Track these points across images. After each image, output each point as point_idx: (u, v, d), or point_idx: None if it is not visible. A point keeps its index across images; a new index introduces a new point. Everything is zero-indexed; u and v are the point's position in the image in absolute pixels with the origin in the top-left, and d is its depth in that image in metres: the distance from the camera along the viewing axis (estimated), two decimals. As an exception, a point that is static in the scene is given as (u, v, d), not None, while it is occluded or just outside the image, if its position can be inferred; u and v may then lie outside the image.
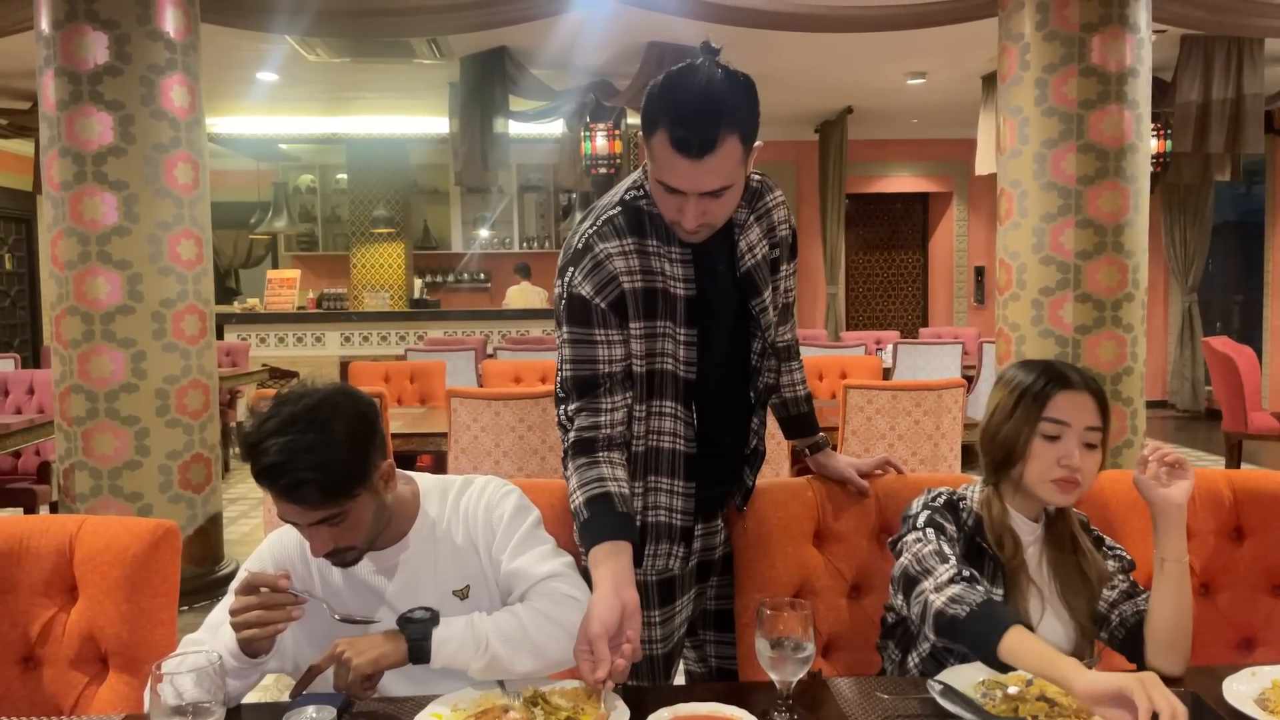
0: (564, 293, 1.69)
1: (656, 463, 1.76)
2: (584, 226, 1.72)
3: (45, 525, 1.77)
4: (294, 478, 1.45)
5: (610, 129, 7.28)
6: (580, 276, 1.67)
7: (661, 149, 1.56)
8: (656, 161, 1.59)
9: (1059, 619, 1.66)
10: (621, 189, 1.75)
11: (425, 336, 8.99)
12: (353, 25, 5.53)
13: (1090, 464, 1.63)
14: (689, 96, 1.56)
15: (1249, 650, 1.96)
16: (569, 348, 1.68)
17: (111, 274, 4.24)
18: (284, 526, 1.72)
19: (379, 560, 1.64)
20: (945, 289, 11.09)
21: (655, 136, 1.57)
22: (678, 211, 1.62)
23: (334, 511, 1.50)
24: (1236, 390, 6.34)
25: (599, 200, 1.77)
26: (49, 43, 4.22)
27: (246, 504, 6.53)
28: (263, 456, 1.46)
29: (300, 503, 1.47)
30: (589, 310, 1.67)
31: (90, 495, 4.29)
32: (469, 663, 1.51)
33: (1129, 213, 4.48)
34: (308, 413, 1.49)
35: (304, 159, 10.92)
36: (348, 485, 1.49)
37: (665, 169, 1.58)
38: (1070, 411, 1.63)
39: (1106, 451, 1.67)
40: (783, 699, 1.42)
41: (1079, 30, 4.41)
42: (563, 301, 1.69)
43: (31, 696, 1.70)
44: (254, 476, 1.49)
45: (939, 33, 5.74)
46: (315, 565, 1.66)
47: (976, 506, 1.71)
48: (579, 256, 1.68)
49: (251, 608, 1.44)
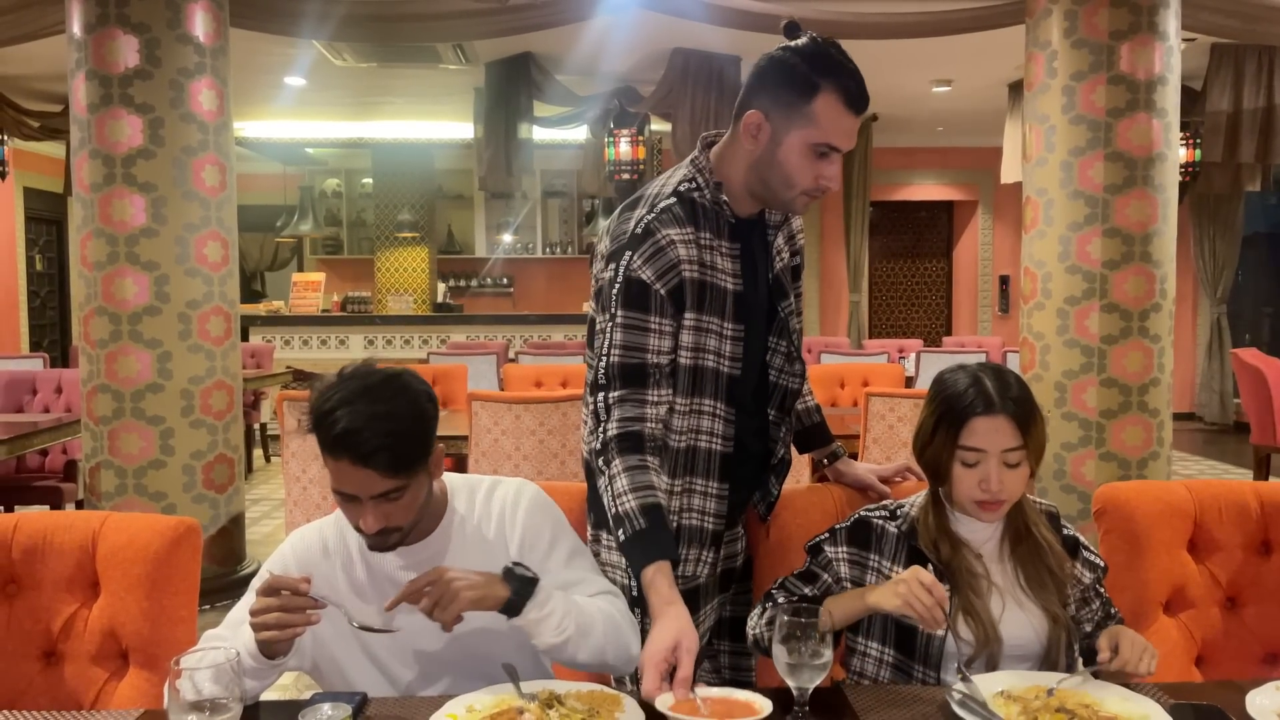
0: (619, 276, 1.65)
1: (693, 463, 1.74)
2: (639, 213, 1.69)
3: (69, 521, 1.79)
4: (370, 445, 1.48)
5: (634, 135, 7.28)
6: (640, 260, 1.64)
7: (831, 108, 1.60)
8: (820, 124, 1.61)
9: (1024, 611, 1.66)
10: (672, 181, 1.73)
11: (448, 340, 9.02)
12: (379, 30, 5.57)
13: (1013, 481, 1.64)
14: (847, 62, 1.63)
15: (1274, 665, 1.92)
16: (620, 332, 1.64)
17: (139, 275, 4.29)
18: (306, 526, 1.72)
19: (406, 555, 1.64)
20: (969, 297, 11.02)
21: (821, 97, 1.60)
22: (820, 178, 1.66)
23: (397, 485, 1.52)
24: (1266, 403, 6.26)
25: (644, 191, 1.76)
26: (80, 46, 4.28)
27: (269, 505, 6.57)
28: (338, 423, 1.49)
29: (375, 468, 1.49)
30: (648, 295, 1.63)
31: (115, 494, 4.33)
32: (545, 635, 1.53)
33: (1157, 222, 4.44)
34: (380, 385, 1.53)
35: (330, 163, 11.00)
36: (413, 460, 1.53)
37: (831, 128, 1.62)
38: (986, 438, 1.63)
39: (1038, 461, 1.68)
40: (799, 706, 1.41)
41: (1107, 38, 4.37)
42: (617, 285, 1.65)
43: (52, 691, 1.72)
44: (325, 446, 1.51)
45: (965, 40, 5.71)
46: (339, 562, 1.66)
47: (915, 513, 1.73)
48: (638, 241, 1.65)
49: (271, 609, 1.44)
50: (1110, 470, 4.36)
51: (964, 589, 1.64)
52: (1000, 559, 1.70)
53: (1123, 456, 4.37)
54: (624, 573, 1.75)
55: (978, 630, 1.62)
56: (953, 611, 1.63)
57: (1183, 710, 1.40)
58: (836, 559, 1.73)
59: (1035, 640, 1.66)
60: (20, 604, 1.74)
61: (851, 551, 1.73)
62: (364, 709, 1.48)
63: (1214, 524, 1.94)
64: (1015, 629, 1.64)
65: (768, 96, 1.65)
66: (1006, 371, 1.71)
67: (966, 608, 1.63)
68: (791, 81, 1.61)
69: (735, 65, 6.66)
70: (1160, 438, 4.43)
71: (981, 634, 1.62)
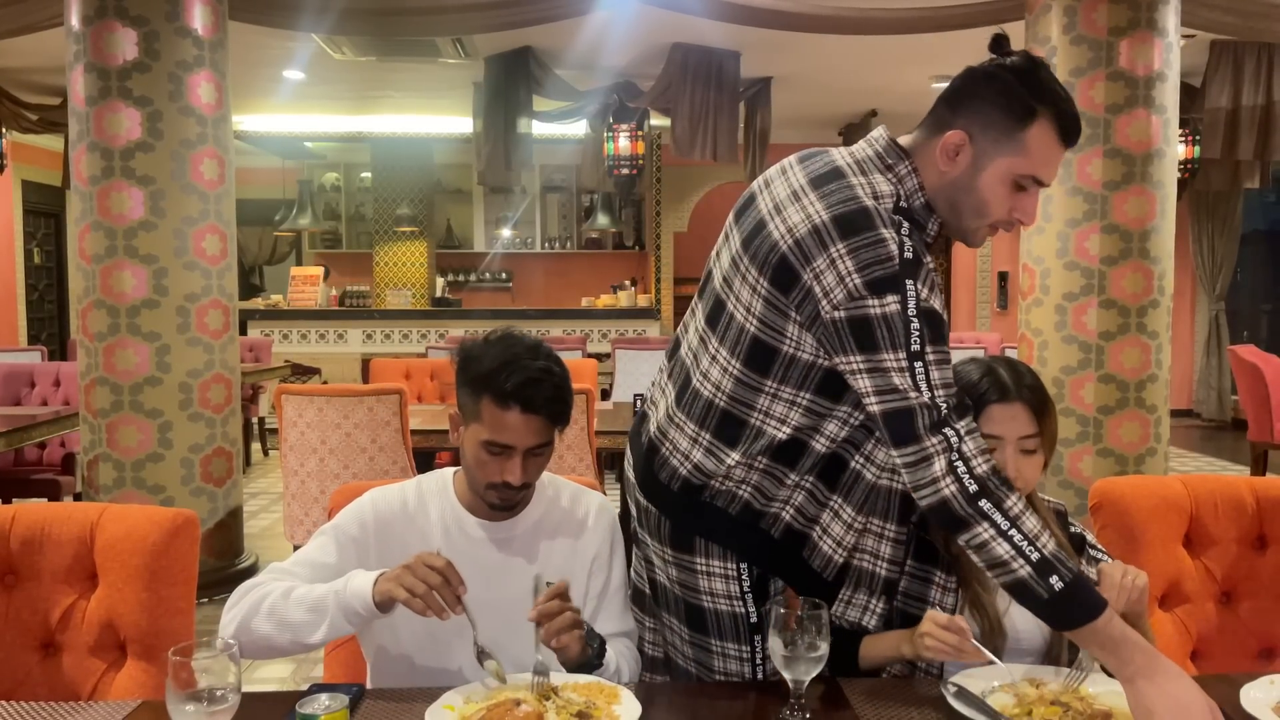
0: (912, 308, 1.42)
1: (877, 501, 1.62)
2: (894, 234, 1.44)
3: (67, 513, 1.79)
4: (544, 395, 1.60)
5: (634, 130, 7.28)
6: (925, 290, 1.44)
7: (1045, 137, 1.46)
8: (1031, 154, 1.47)
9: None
10: (885, 192, 1.50)
11: (446, 335, 9.02)
12: (379, 24, 5.57)
13: (1028, 469, 1.66)
14: (1064, 91, 1.49)
15: (1269, 660, 1.93)
16: (936, 370, 1.42)
17: (137, 268, 4.29)
18: (385, 486, 1.77)
19: (490, 529, 1.71)
20: (968, 294, 11.02)
21: (1036, 125, 1.46)
22: (1015, 210, 1.53)
23: (549, 439, 1.66)
24: (1263, 400, 6.27)
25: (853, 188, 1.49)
26: (79, 38, 4.27)
27: (267, 499, 6.57)
28: (515, 375, 1.59)
29: (543, 417, 1.61)
30: (942, 325, 1.46)
31: (114, 487, 4.33)
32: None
33: (1155, 219, 4.44)
34: (536, 347, 1.65)
35: (329, 157, 10.99)
36: (567, 417, 1.67)
37: (1041, 160, 1.48)
38: (1003, 425, 1.64)
39: (1051, 451, 1.70)
40: (796, 698, 1.42)
41: (1107, 34, 4.37)
42: (914, 320, 1.42)
43: (51, 682, 1.72)
44: (498, 396, 1.60)
45: (965, 36, 5.70)
46: (418, 525, 1.71)
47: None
48: (914, 267, 1.44)
49: (432, 582, 1.46)
50: (1107, 466, 4.37)
51: (971, 582, 1.64)
52: None
53: (1120, 452, 4.38)
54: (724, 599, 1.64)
55: (983, 623, 1.62)
56: (960, 604, 1.64)
57: (1177, 703, 1.40)
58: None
59: (1039, 635, 1.66)
60: (19, 595, 1.74)
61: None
62: (361, 700, 1.48)
63: (1209, 519, 1.95)
64: (1020, 623, 1.64)
65: (975, 116, 1.49)
66: (1019, 362, 1.73)
67: (973, 600, 1.64)
68: (1006, 104, 1.47)
69: (735, 60, 6.66)
70: (1157, 434, 4.43)
71: (986, 627, 1.62)
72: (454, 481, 1.75)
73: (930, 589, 1.66)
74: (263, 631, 1.54)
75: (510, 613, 1.58)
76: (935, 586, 1.66)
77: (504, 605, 1.62)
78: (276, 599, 1.55)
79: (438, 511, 1.71)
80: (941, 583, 1.66)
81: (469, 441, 1.65)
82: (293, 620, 1.53)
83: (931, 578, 1.66)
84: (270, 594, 1.56)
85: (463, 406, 1.67)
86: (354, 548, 1.67)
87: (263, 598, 1.55)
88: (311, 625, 1.52)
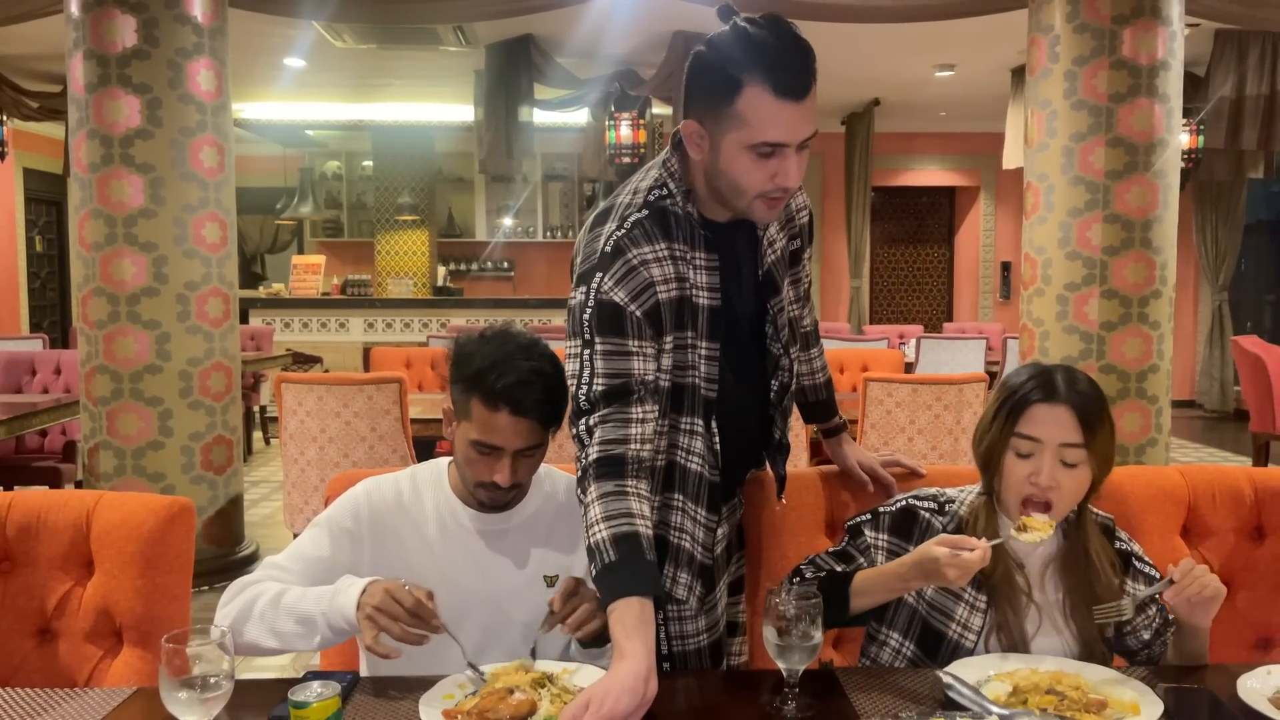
0: (590, 300, 1.52)
1: (672, 479, 1.64)
2: (609, 229, 1.57)
3: (63, 500, 1.79)
4: (533, 398, 1.57)
5: (635, 118, 7.25)
6: (611, 282, 1.52)
7: (758, 102, 1.44)
8: (750, 122, 1.45)
9: (1059, 635, 1.61)
10: (641, 189, 1.61)
11: (448, 324, 9.02)
12: (379, 11, 5.54)
13: (1068, 482, 1.55)
14: (776, 41, 1.45)
15: (1267, 650, 1.93)
16: (601, 360, 1.50)
17: (137, 256, 4.28)
18: (379, 476, 1.74)
19: (483, 521, 1.69)
20: (971, 284, 11.00)
21: (746, 93, 1.44)
22: (773, 177, 1.49)
23: (541, 441, 1.62)
24: (1265, 391, 6.26)
25: (615, 199, 1.63)
26: (78, 25, 4.26)
27: (268, 487, 6.58)
28: (504, 376, 1.56)
29: (533, 420, 1.58)
30: (623, 318, 1.51)
31: (114, 475, 4.34)
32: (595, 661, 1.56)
33: (1158, 208, 4.42)
34: (531, 346, 1.61)
35: (330, 145, 10.97)
36: (559, 418, 1.62)
37: (765, 124, 1.45)
38: (1044, 427, 1.55)
39: (1103, 472, 1.60)
40: (790, 688, 1.42)
41: (1110, 23, 4.35)
42: (588, 310, 1.52)
43: (46, 668, 1.72)
44: (487, 397, 1.57)
45: (968, 24, 5.69)
46: (412, 516, 1.69)
47: (964, 512, 1.66)
48: (608, 261, 1.53)
49: (399, 620, 1.44)
50: (1108, 456, 4.36)
51: (1001, 602, 1.58)
52: (1045, 576, 1.62)
53: (1121, 443, 4.37)
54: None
55: (1008, 645, 1.58)
56: (987, 626, 1.59)
57: (1174, 694, 1.40)
58: (876, 545, 1.67)
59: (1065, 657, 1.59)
60: (14, 581, 1.74)
61: (892, 540, 1.66)
62: (355, 688, 1.48)
63: (1207, 509, 1.94)
64: (1045, 650, 1.58)
65: (699, 101, 1.51)
66: (1080, 372, 1.63)
67: (1001, 622, 1.58)
68: (713, 82, 1.47)
69: (737, 49, 6.63)
70: (1159, 424, 4.42)
71: (1012, 649, 1.58)
72: (449, 472, 1.74)
73: (959, 605, 1.61)
74: (252, 637, 1.54)
75: (504, 604, 1.58)
76: (964, 604, 1.61)
77: (498, 597, 1.62)
78: (266, 605, 1.54)
79: (432, 503, 1.71)
80: (970, 600, 1.61)
81: (460, 439, 1.64)
82: (283, 630, 1.53)
83: (961, 594, 1.61)
84: (260, 598, 1.55)
85: (455, 403, 1.65)
86: (347, 539, 1.66)
87: (253, 600, 1.55)
88: (302, 636, 1.53)
